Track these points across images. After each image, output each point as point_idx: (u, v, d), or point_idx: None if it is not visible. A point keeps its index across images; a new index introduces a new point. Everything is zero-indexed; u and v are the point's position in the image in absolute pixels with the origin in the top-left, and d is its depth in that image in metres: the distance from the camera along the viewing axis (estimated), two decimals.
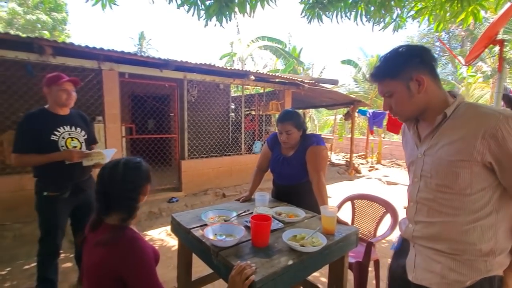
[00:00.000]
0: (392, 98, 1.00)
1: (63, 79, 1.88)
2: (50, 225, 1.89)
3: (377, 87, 1.05)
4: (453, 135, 0.91)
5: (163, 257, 2.87)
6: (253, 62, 15.42)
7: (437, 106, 0.97)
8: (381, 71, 1.01)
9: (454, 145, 0.90)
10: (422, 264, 1.00)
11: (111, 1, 2.40)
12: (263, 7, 2.64)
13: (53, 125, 1.88)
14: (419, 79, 0.94)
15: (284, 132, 1.82)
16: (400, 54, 0.98)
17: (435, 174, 0.95)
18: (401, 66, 0.96)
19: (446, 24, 2.94)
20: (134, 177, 1.07)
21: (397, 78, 0.97)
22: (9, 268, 2.63)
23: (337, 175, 7.58)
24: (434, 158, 0.95)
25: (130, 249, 0.98)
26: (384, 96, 1.03)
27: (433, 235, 0.97)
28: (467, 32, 11.26)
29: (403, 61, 0.97)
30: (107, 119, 4.09)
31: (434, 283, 0.95)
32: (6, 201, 3.41)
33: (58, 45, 3.47)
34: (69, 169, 1.90)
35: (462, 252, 0.91)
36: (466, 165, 0.88)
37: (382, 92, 1.03)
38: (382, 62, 1.01)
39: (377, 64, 1.03)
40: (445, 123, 0.95)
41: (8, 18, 12.37)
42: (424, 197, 0.99)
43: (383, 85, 1.02)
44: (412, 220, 1.05)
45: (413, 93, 0.96)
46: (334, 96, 7.43)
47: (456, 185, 0.90)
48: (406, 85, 0.96)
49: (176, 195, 4.74)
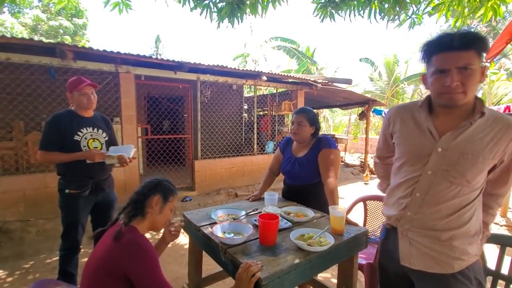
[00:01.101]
0: (468, 73, 0.89)
1: (81, 84, 1.96)
2: (72, 221, 1.98)
3: (453, 55, 0.90)
4: (487, 134, 0.95)
5: (176, 254, 2.95)
6: (266, 63, 15.44)
7: (469, 103, 0.97)
8: (470, 40, 0.88)
9: (487, 144, 0.94)
10: (418, 251, 1.05)
11: (127, 6, 2.50)
12: (274, 7, 2.65)
13: (77, 126, 1.98)
14: (484, 69, 0.92)
15: (296, 123, 1.89)
16: (480, 36, 0.90)
17: (459, 169, 0.96)
18: (485, 47, 0.90)
19: (465, 20, 2.84)
20: (150, 185, 1.21)
21: (480, 57, 0.90)
22: (32, 262, 2.78)
23: (351, 176, 7.45)
24: (460, 154, 0.95)
25: (135, 246, 1.03)
26: (459, 67, 0.89)
27: (434, 223, 1.01)
28: (489, 28, 10.76)
29: (485, 44, 0.90)
30: (123, 120, 4.24)
31: (431, 267, 1.02)
32: (31, 198, 3.60)
33: (78, 49, 3.63)
34: (90, 168, 2.00)
35: (456, 237, 0.99)
36: (491, 163, 0.95)
37: (463, 62, 0.89)
38: (469, 32, 0.90)
39: (460, 32, 0.90)
40: (478, 120, 0.95)
41: (32, 25, 13.01)
42: (436, 189, 1.00)
43: (467, 55, 0.89)
44: (414, 209, 1.05)
45: (479, 80, 0.92)
46: (348, 95, 7.31)
47: (474, 179, 0.96)
48: (479, 69, 0.91)
49: (190, 194, 4.83)
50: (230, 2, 2.42)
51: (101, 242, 1.14)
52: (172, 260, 2.80)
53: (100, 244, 1.13)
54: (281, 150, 2.08)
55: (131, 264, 1.00)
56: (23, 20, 13.04)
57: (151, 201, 1.18)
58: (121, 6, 2.47)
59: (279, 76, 5.88)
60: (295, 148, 2.00)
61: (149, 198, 1.18)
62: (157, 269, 1.02)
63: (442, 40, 0.91)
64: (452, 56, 0.90)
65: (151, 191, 1.19)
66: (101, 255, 1.05)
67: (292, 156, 1.96)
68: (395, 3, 2.67)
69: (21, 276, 2.52)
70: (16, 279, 2.47)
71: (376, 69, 14.06)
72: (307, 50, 14.23)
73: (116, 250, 1.02)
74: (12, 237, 3.25)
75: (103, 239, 1.15)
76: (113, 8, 2.44)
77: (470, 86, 0.90)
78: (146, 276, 0.99)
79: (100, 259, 1.04)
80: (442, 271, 1.00)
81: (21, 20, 12.95)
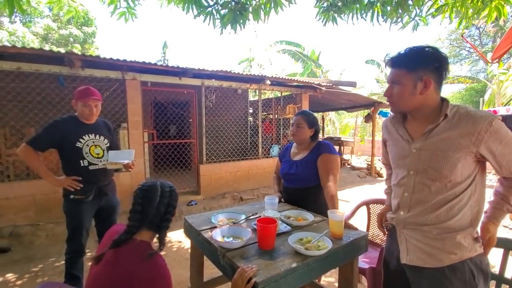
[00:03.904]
0: (396, 87, 1.09)
1: (87, 97, 2.00)
2: (76, 226, 2.03)
3: (390, 72, 1.12)
4: (451, 132, 1.03)
5: (181, 258, 2.98)
6: (271, 66, 15.49)
7: (431, 109, 1.08)
8: (401, 60, 1.07)
9: (453, 141, 1.01)
10: (414, 247, 1.11)
11: (133, 14, 2.58)
12: (277, 13, 2.68)
13: (79, 133, 2.03)
14: (427, 81, 1.03)
15: (296, 125, 1.94)
16: (425, 54, 1.04)
17: (434, 166, 1.05)
18: (421, 65, 1.03)
19: (469, 21, 2.81)
20: (169, 199, 1.16)
21: (411, 73, 1.04)
22: (42, 265, 2.85)
23: (358, 179, 7.38)
24: (433, 152, 1.05)
25: (159, 273, 1.00)
26: (390, 82, 1.11)
27: (424, 218, 1.08)
28: (497, 28, 10.58)
29: (425, 61, 1.03)
30: (130, 126, 4.32)
31: (427, 262, 1.07)
32: (40, 203, 3.69)
33: (86, 58, 3.74)
34: (93, 174, 2.05)
35: (446, 231, 1.04)
36: (463, 156, 1.01)
37: (392, 78, 1.10)
38: (405, 52, 1.06)
39: (400, 51, 1.08)
40: (442, 122, 1.05)
41: (43, 34, 13.41)
42: (420, 187, 1.10)
43: (395, 73, 1.09)
44: (406, 208, 1.14)
45: (416, 92, 1.05)
46: (353, 98, 7.28)
47: (452, 174, 1.02)
48: (414, 83, 1.04)
49: (195, 198, 4.87)
50: (233, 8, 2.46)
51: (117, 255, 1.05)
52: (176, 264, 2.83)
53: (122, 259, 1.05)
54: (280, 158, 2.15)
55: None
56: (34, 29, 13.44)
57: (174, 214, 1.19)
58: (127, 15, 2.55)
59: (283, 80, 5.90)
60: (294, 151, 2.03)
61: (174, 211, 1.18)
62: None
63: (388, 59, 1.12)
64: (390, 72, 1.12)
65: (175, 202, 1.19)
66: (121, 272, 0.99)
67: (290, 160, 1.99)
68: (397, 5, 2.67)
69: (30, 279, 2.58)
70: (25, 282, 2.54)
71: (382, 70, 13.97)
72: (312, 53, 14.24)
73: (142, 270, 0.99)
74: (22, 241, 3.34)
75: (122, 253, 1.06)
76: (120, 17, 2.52)
77: (396, 97, 1.10)
78: None
79: (119, 276, 0.99)
80: (436, 265, 1.06)
81: (32, 29, 13.35)
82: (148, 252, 1.02)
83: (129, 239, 1.08)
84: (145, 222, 1.10)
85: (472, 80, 10.78)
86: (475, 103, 13.83)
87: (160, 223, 1.13)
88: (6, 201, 3.52)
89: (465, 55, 18.12)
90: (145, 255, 1.01)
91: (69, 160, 2.02)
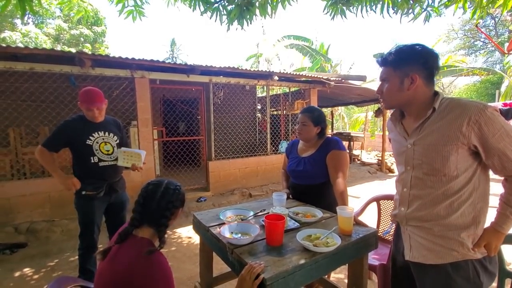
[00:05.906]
0: (385, 84, 1.13)
1: (86, 103, 2.01)
2: (88, 221, 2.08)
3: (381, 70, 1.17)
4: (441, 124, 1.03)
5: (191, 253, 3.02)
6: (279, 62, 15.37)
7: (422, 103, 1.10)
8: (387, 59, 1.11)
9: (443, 133, 1.02)
10: (417, 244, 1.12)
11: (140, 13, 2.60)
12: (284, 7, 2.65)
13: (89, 131, 2.07)
14: (414, 77, 1.06)
15: (301, 123, 1.91)
16: (412, 52, 1.07)
17: (427, 160, 1.06)
18: (406, 62, 1.07)
19: (484, 11, 2.71)
20: (171, 197, 1.16)
21: (396, 70, 1.09)
22: (57, 260, 2.94)
23: (368, 174, 7.29)
24: (425, 146, 1.07)
25: (159, 270, 1.00)
26: (381, 80, 1.16)
27: (424, 214, 1.08)
28: None
29: (410, 59, 1.07)
30: (139, 123, 4.37)
31: (429, 259, 1.07)
32: (56, 199, 3.80)
33: (95, 57, 3.80)
34: (104, 171, 2.10)
35: (447, 228, 1.04)
36: (454, 149, 1.00)
37: (381, 76, 1.15)
38: (393, 51, 1.10)
39: (391, 50, 1.12)
40: (432, 116, 1.06)
41: (55, 34, 13.70)
42: (417, 182, 1.11)
43: (383, 71, 1.14)
44: (405, 204, 1.15)
45: (403, 88, 1.09)
46: (363, 92, 7.15)
47: (445, 168, 1.02)
48: (400, 79, 1.08)
49: (204, 195, 4.91)
50: (239, 4, 2.44)
51: (119, 252, 1.07)
52: (186, 259, 2.86)
53: (122, 256, 1.06)
54: (287, 153, 2.12)
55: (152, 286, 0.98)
56: (46, 30, 13.74)
57: (176, 214, 1.20)
58: (135, 14, 2.57)
59: (290, 76, 5.85)
60: (302, 148, 2.01)
61: (175, 209, 1.18)
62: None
63: (377, 60, 1.17)
64: (381, 71, 1.16)
65: (177, 202, 1.19)
66: (122, 269, 1.01)
67: (298, 156, 1.97)
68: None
69: (46, 273, 2.67)
70: (42, 276, 2.62)
71: None
72: (321, 47, 14.03)
73: (140, 266, 0.99)
74: (38, 236, 3.45)
75: (123, 249, 1.08)
76: (127, 15, 2.54)
77: (386, 94, 1.14)
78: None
79: (120, 273, 1.00)
80: (438, 262, 1.05)
81: (44, 30, 13.66)
82: (148, 249, 1.03)
83: (131, 232, 1.11)
84: (146, 215, 1.12)
85: (487, 72, 10.40)
86: (490, 96, 13.38)
87: (160, 218, 1.13)
88: (22, 198, 3.64)
89: (480, 46, 17.54)
90: (145, 251, 1.02)
91: (80, 157, 2.07)
